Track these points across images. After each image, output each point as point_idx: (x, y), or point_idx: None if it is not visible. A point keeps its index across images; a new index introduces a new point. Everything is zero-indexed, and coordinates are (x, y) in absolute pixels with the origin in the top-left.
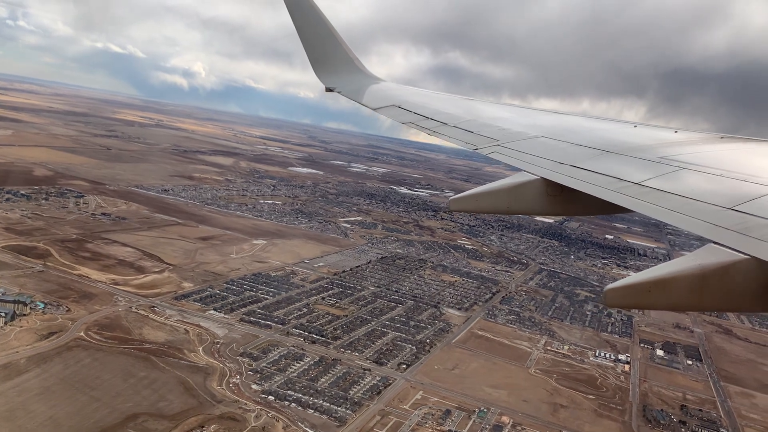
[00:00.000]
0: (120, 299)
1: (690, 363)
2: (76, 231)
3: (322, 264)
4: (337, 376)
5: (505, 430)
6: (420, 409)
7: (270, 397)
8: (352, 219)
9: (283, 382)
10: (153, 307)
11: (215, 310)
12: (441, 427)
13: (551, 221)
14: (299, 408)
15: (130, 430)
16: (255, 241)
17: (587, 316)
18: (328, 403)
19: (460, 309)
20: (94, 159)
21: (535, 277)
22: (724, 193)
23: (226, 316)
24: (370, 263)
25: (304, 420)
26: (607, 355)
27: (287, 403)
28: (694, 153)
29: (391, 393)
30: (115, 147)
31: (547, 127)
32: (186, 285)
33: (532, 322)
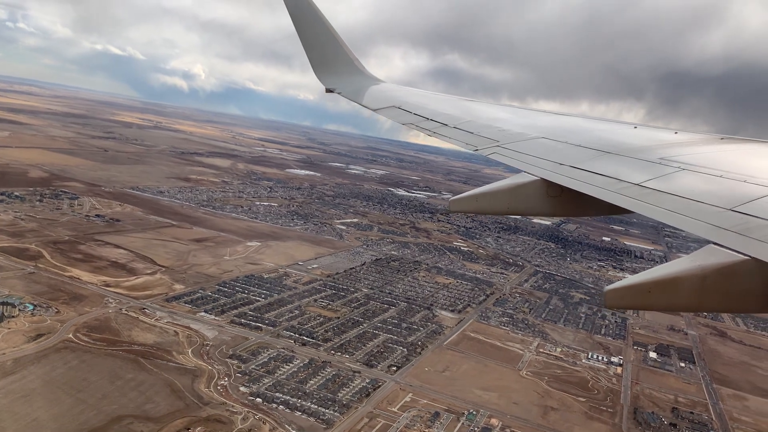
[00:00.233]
0: (110, 301)
1: (683, 365)
2: (69, 233)
3: (316, 266)
4: (326, 378)
5: None
6: (409, 411)
7: (258, 399)
8: (348, 221)
9: (272, 384)
10: (143, 308)
11: (206, 312)
12: (429, 429)
13: (548, 223)
14: (287, 410)
15: None
16: (249, 243)
17: (581, 318)
18: (316, 406)
19: (453, 311)
20: (90, 161)
21: (530, 279)
22: (724, 194)
23: (216, 318)
24: (364, 265)
25: (291, 422)
26: (600, 358)
27: (275, 405)
28: (694, 154)
29: (380, 395)
30: (112, 149)
31: (547, 128)
32: (177, 287)
33: (526, 324)
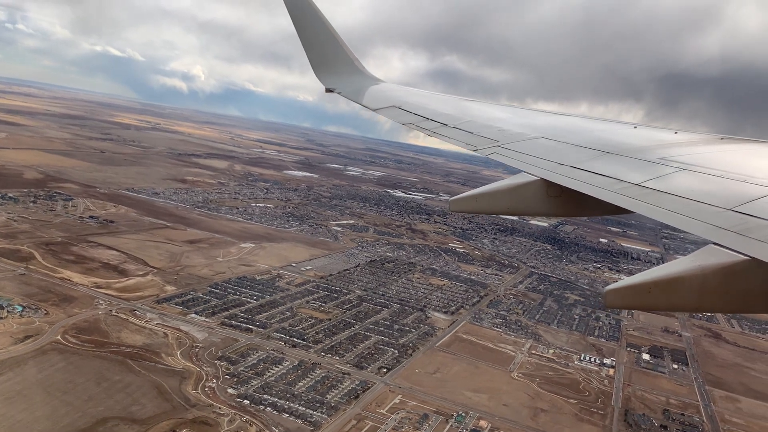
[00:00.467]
0: (101, 302)
1: (676, 367)
2: (62, 234)
3: (310, 267)
4: (315, 380)
5: None
6: (397, 413)
7: (245, 401)
8: (344, 222)
9: (260, 386)
10: (134, 310)
11: (196, 313)
12: (417, 431)
13: (545, 225)
14: (274, 412)
15: None
16: (243, 245)
17: (575, 319)
18: (303, 408)
19: (446, 312)
20: (86, 162)
21: (525, 281)
22: (724, 194)
23: (207, 320)
24: (358, 267)
25: (278, 424)
26: (592, 359)
27: (262, 407)
28: (694, 154)
29: (369, 397)
30: (109, 150)
31: (546, 128)
32: (169, 288)
33: (519, 326)
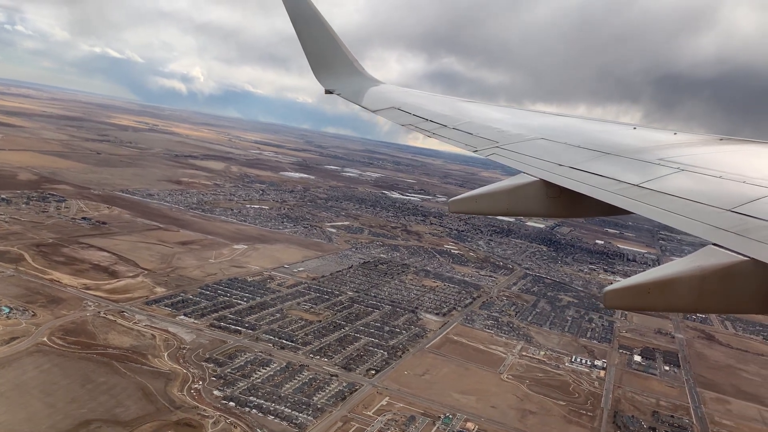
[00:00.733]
0: (89, 304)
1: (667, 369)
2: (54, 235)
3: (302, 269)
4: (302, 382)
5: None
6: (384, 415)
7: (231, 403)
8: (339, 224)
9: (246, 388)
10: (122, 312)
11: (185, 315)
12: None
13: (542, 226)
14: (260, 414)
15: None
16: (235, 246)
17: (567, 321)
18: (289, 410)
19: (438, 314)
20: (82, 163)
21: (519, 282)
22: (723, 195)
23: (195, 322)
24: (351, 268)
25: (263, 426)
26: (583, 361)
27: (248, 409)
28: (693, 155)
29: (357, 399)
30: (105, 151)
31: (546, 128)
32: (159, 290)
33: (510, 328)
